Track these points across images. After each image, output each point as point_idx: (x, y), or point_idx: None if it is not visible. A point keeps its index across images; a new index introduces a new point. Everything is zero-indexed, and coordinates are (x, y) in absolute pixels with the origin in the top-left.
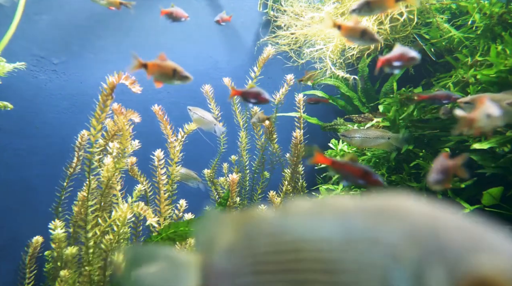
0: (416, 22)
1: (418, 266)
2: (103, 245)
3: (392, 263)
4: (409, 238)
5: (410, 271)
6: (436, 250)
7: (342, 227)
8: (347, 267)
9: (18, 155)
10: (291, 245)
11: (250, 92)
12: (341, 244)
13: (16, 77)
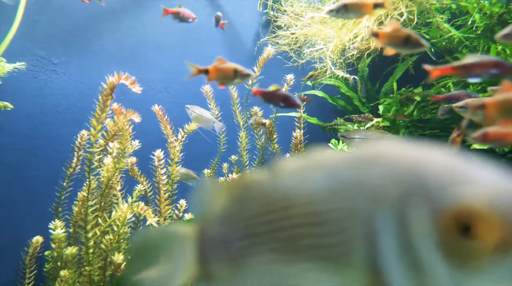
0: (416, 22)
1: (400, 206)
2: (103, 245)
3: (374, 207)
4: (389, 179)
5: (392, 212)
6: (416, 188)
7: (327, 178)
8: (333, 216)
9: (18, 155)
10: (279, 203)
11: (277, 94)
12: (326, 195)
13: (16, 77)
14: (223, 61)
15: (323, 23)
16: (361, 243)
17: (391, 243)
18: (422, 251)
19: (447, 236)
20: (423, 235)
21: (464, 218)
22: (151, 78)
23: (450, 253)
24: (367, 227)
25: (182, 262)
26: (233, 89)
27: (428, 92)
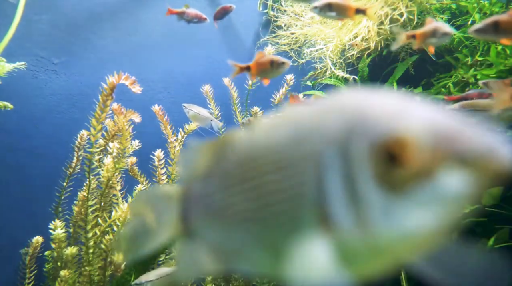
0: (416, 22)
1: (344, 144)
2: (103, 245)
3: (324, 147)
4: (338, 122)
5: (337, 150)
6: (358, 126)
7: (290, 128)
8: (291, 162)
9: (18, 155)
10: (250, 156)
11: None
12: (287, 143)
13: (16, 77)
14: (263, 56)
15: (323, 23)
16: (313, 182)
17: (335, 178)
18: (360, 183)
19: (379, 165)
20: (361, 167)
21: (392, 147)
22: (151, 78)
23: (382, 182)
24: (318, 166)
25: (167, 219)
26: (233, 89)
27: (428, 92)
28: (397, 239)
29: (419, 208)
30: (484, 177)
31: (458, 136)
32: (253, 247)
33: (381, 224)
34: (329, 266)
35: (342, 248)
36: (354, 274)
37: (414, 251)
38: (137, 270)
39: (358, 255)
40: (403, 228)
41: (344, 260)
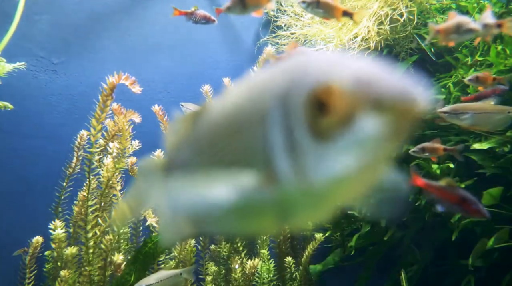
0: (416, 22)
1: (286, 98)
2: (103, 245)
3: (271, 104)
4: (285, 79)
5: (280, 105)
6: (297, 80)
7: (248, 91)
8: (246, 122)
9: (18, 155)
10: (216, 124)
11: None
12: (244, 104)
13: (16, 77)
14: (295, 46)
15: (323, 23)
16: (261, 137)
17: (277, 131)
18: (296, 132)
19: (311, 114)
20: (297, 117)
21: (321, 95)
22: (151, 78)
23: (314, 130)
24: (264, 122)
25: (154, 184)
26: None
27: None
28: (329, 184)
29: (345, 153)
30: (401, 118)
31: (376, 82)
32: (221, 207)
33: (315, 171)
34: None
35: (287, 198)
36: (298, 222)
37: (347, 194)
38: (137, 270)
39: (300, 203)
40: (333, 172)
41: (289, 210)
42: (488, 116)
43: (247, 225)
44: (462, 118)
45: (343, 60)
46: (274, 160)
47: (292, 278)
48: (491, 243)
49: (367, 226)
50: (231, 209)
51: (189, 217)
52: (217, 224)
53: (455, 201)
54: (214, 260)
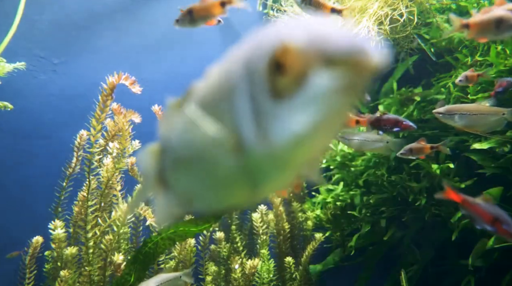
0: (416, 22)
1: (252, 66)
2: (103, 245)
3: (240, 71)
4: (249, 48)
5: (248, 73)
6: (259, 45)
7: (222, 65)
8: (221, 90)
9: (18, 155)
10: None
11: (387, 119)
12: (218, 80)
13: (16, 77)
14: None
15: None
16: (230, 109)
17: (244, 100)
18: (259, 97)
19: (270, 76)
20: (259, 82)
21: (278, 56)
22: (151, 78)
23: (274, 91)
24: (234, 94)
25: (150, 178)
26: None
27: (428, 92)
28: (290, 143)
29: (302, 110)
30: (353, 73)
31: (327, 38)
32: (204, 185)
33: (276, 132)
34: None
35: (254, 164)
36: (266, 190)
37: (308, 153)
38: (137, 270)
39: (267, 168)
40: (292, 131)
41: (258, 177)
42: (483, 117)
43: (223, 196)
44: (456, 119)
45: (300, 22)
46: (241, 127)
47: (292, 278)
48: (491, 243)
49: (367, 226)
50: (206, 179)
51: (182, 200)
52: (198, 198)
53: (488, 219)
54: (214, 260)
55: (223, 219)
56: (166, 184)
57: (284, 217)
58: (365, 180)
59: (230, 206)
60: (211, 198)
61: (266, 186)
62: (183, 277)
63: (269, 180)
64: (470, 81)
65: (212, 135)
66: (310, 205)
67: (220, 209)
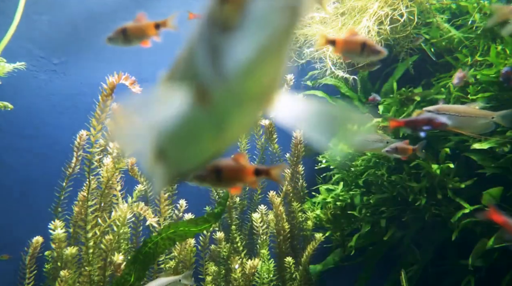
0: (416, 22)
1: (205, 8)
2: (103, 245)
3: (200, 22)
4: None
5: (204, 17)
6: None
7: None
8: (189, 44)
9: (18, 155)
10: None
11: (419, 120)
12: (189, 39)
13: (16, 77)
14: (355, 33)
15: (323, 23)
16: (191, 64)
17: (202, 44)
18: (212, 35)
19: (218, 9)
20: (210, 19)
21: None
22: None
23: (222, 24)
24: (196, 42)
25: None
26: None
27: (428, 92)
28: (242, 73)
29: (249, 38)
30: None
31: None
32: (184, 144)
33: (228, 65)
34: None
35: (218, 109)
36: (234, 132)
37: (261, 84)
38: (137, 270)
39: (228, 108)
40: (241, 60)
41: (222, 118)
42: (472, 120)
43: (201, 149)
44: (446, 120)
45: None
46: (201, 73)
47: (292, 278)
48: (491, 243)
49: (367, 226)
50: (186, 138)
51: (171, 164)
52: (183, 158)
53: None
54: (214, 260)
55: (223, 219)
56: (161, 156)
57: (284, 217)
58: (365, 180)
59: (208, 157)
60: (192, 153)
61: (233, 127)
62: (182, 280)
63: (233, 120)
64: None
65: (177, 95)
66: (310, 205)
67: (201, 163)
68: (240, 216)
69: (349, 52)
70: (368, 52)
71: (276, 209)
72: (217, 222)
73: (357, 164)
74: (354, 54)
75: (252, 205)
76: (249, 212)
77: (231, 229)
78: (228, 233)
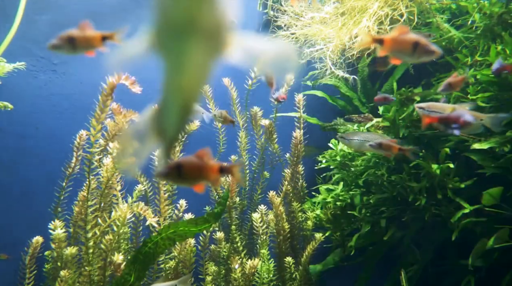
0: (416, 22)
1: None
2: (103, 245)
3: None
4: None
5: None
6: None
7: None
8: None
9: (18, 155)
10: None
11: (453, 116)
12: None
13: (16, 77)
14: (406, 31)
15: (323, 23)
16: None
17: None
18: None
19: None
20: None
21: None
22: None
23: None
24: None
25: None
26: (232, 89)
27: (428, 92)
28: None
29: None
30: None
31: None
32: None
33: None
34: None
35: (165, 48)
36: (189, 80)
37: (201, 19)
38: (137, 270)
39: (174, 48)
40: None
41: (175, 64)
42: None
43: (168, 96)
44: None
45: None
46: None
47: (292, 278)
48: (491, 243)
49: (367, 226)
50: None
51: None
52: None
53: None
54: (214, 260)
55: (223, 219)
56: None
57: (284, 217)
58: (365, 180)
59: (182, 111)
60: (169, 105)
61: (187, 68)
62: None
63: (184, 59)
64: (454, 88)
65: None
66: (310, 205)
67: (179, 119)
68: (240, 216)
69: (399, 53)
70: (420, 53)
71: (276, 209)
72: (217, 222)
73: (357, 164)
74: (405, 54)
75: (252, 205)
76: (249, 212)
77: (231, 229)
78: (228, 233)
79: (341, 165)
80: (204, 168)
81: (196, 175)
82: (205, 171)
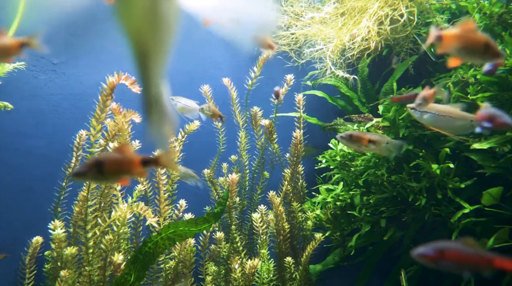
0: (416, 22)
1: None
2: (103, 245)
3: None
4: None
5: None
6: None
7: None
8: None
9: (18, 155)
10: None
11: (489, 115)
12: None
13: (16, 77)
14: (472, 28)
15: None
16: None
17: None
18: None
19: None
20: None
21: None
22: None
23: None
24: None
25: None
26: (232, 89)
27: None
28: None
29: None
30: None
31: None
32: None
33: None
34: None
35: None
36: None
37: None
38: (137, 270)
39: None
40: None
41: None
42: (449, 120)
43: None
44: (426, 117)
45: None
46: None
47: (292, 278)
48: (491, 243)
49: (367, 226)
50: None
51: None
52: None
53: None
54: (214, 260)
55: (223, 219)
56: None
57: (284, 217)
58: (365, 180)
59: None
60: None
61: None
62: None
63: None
64: (428, 101)
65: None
66: (310, 205)
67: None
68: (240, 216)
69: (464, 52)
70: (489, 56)
71: (276, 209)
72: (217, 222)
73: (357, 164)
74: (471, 55)
75: (252, 205)
76: (249, 212)
77: (231, 229)
78: (228, 233)
79: (341, 165)
80: (126, 162)
81: (118, 170)
82: (127, 165)
